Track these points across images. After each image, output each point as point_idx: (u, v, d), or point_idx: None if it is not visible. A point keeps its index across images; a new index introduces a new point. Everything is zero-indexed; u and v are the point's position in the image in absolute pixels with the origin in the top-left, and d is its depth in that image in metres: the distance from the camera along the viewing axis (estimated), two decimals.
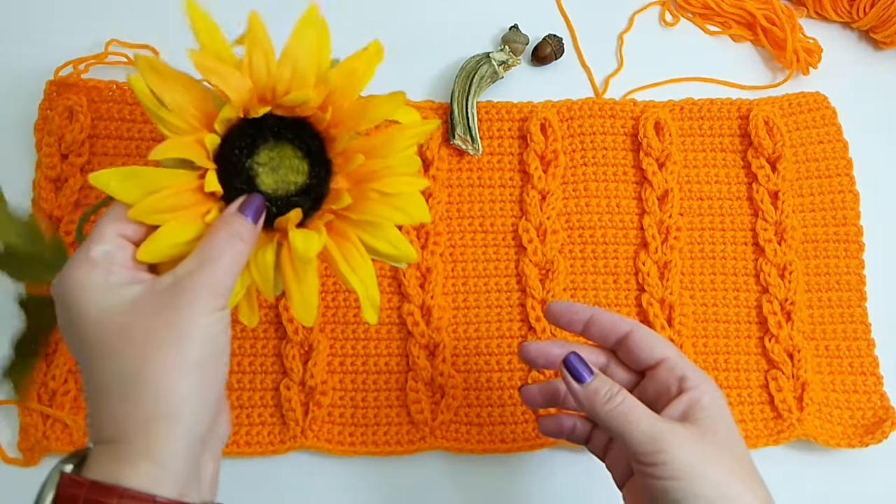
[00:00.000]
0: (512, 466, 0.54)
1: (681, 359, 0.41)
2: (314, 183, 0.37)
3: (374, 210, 0.37)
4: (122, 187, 0.33)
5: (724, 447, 0.37)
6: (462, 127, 0.58)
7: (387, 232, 0.38)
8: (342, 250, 0.37)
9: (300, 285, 0.36)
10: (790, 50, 0.62)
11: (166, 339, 0.31)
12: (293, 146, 0.37)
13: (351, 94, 0.37)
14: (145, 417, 0.30)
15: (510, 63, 0.60)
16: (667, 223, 0.58)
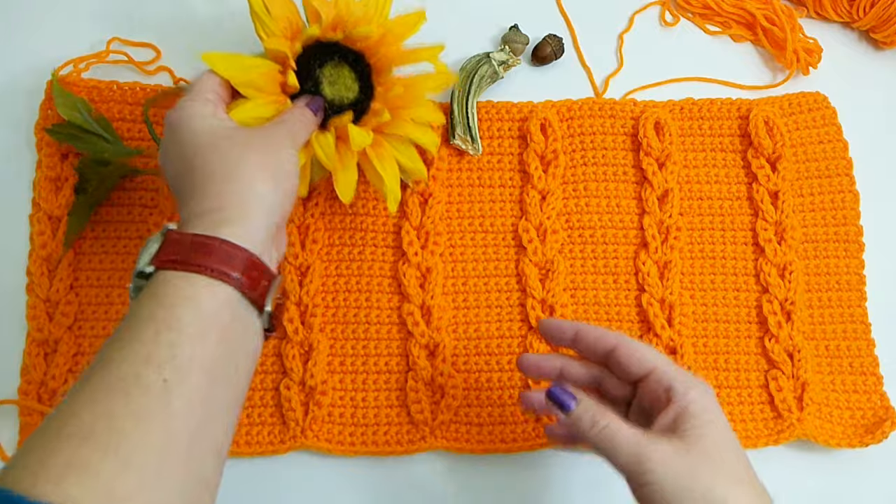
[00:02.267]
0: (512, 466, 0.54)
1: (668, 367, 0.41)
2: (361, 99, 0.51)
3: (404, 128, 0.51)
4: (224, 64, 0.45)
5: (713, 454, 0.38)
6: (462, 127, 0.58)
7: (409, 149, 0.53)
8: (378, 154, 0.50)
9: (345, 171, 0.49)
10: (790, 50, 0.62)
11: (258, 150, 0.41)
12: (350, 69, 0.50)
13: (400, 38, 0.51)
14: (241, 193, 0.39)
15: (510, 63, 0.60)
16: (667, 223, 0.58)
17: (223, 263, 0.36)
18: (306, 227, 0.56)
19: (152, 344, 0.33)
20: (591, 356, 0.44)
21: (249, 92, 0.46)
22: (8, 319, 0.55)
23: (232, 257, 0.36)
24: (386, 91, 0.50)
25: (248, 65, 0.46)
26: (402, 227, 0.57)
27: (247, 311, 0.37)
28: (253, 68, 0.46)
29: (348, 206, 0.57)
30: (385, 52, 0.50)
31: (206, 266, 0.36)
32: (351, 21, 0.48)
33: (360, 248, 0.57)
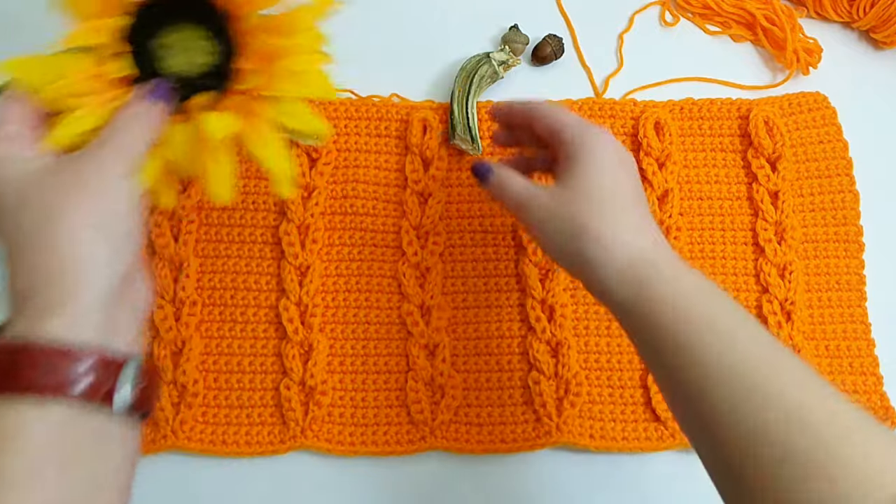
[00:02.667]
0: (512, 466, 0.54)
1: (572, 122, 0.44)
2: (222, 62, 0.38)
3: (281, 87, 0.38)
4: (27, 74, 0.34)
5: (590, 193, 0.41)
6: (462, 127, 0.58)
7: (295, 108, 0.39)
8: (253, 128, 0.38)
9: (215, 164, 0.37)
10: (790, 50, 0.62)
11: (76, 195, 0.32)
12: (199, 27, 0.38)
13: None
14: (60, 265, 0.31)
15: (510, 63, 0.60)
16: (667, 223, 0.58)
17: (51, 376, 0.29)
18: (306, 226, 0.56)
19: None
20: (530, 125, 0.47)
21: (69, 103, 0.35)
22: None
23: (60, 365, 0.30)
24: (251, 41, 0.38)
25: (61, 65, 0.35)
26: (401, 226, 0.57)
27: (98, 417, 0.31)
28: (68, 68, 0.35)
29: (348, 206, 0.57)
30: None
31: (30, 385, 0.29)
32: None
33: (359, 248, 0.57)
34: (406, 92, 0.61)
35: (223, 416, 0.54)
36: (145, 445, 0.52)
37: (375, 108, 0.59)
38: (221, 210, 0.56)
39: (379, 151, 0.58)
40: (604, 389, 0.55)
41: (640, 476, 0.54)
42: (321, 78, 0.40)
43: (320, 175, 0.57)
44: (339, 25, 0.63)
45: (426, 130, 0.58)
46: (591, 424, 0.54)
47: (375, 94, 0.60)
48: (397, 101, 0.60)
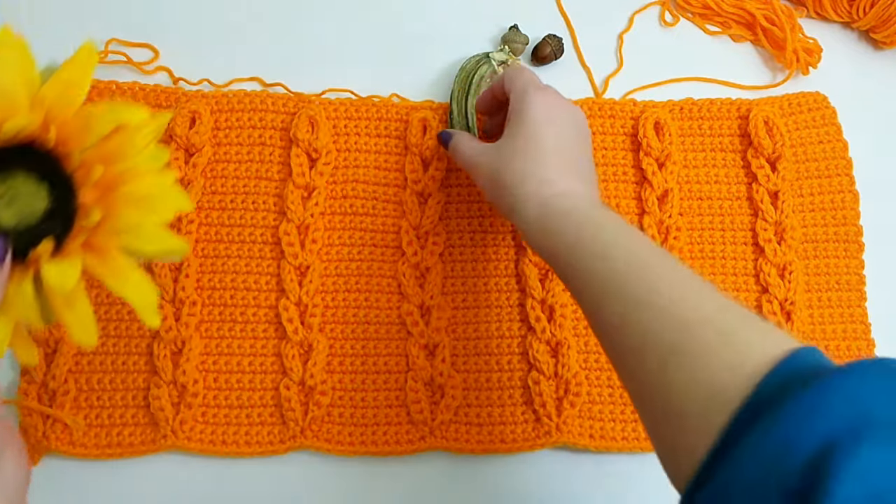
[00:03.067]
0: (512, 466, 0.54)
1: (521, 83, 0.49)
2: (59, 204, 0.35)
3: (128, 216, 0.36)
4: None
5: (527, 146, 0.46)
6: (461, 127, 0.58)
7: (147, 232, 0.36)
8: (106, 265, 0.36)
9: (71, 311, 0.35)
10: (790, 50, 0.62)
11: None
12: (26, 172, 0.35)
13: (71, 105, 0.35)
14: None
15: (510, 63, 0.60)
16: (667, 223, 0.58)
17: None
18: (306, 226, 0.56)
19: None
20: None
21: None
22: None
23: None
24: (87, 175, 0.35)
25: None
26: (401, 227, 0.57)
27: None
28: None
29: (348, 206, 0.57)
30: (62, 131, 0.35)
31: None
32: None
33: (359, 248, 0.57)
34: (406, 92, 0.61)
35: (223, 416, 0.54)
36: (145, 445, 0.52)
37: (375, 108, 0.59)
38: (221, 210, 0.56)
39: (379, 151, 0.58)
40: (604, 389, 0.55)
41: (640, 476, 0.54)
42: (171, 194, 0.38)
43: (320, 175, 0.57)
44: (339, 26, 0.63)
45: (426, 130, 0.58)
46: (591, 424, 0.54)
47: (375, 94, 0.60)
48: (397, 101, 0.60)
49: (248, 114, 0.58)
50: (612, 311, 0.37)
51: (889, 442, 0.26)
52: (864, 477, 0.25)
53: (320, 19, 0.63)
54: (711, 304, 0.35)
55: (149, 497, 0.53)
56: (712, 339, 0.33)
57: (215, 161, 0.57)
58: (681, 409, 0.33)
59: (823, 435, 0.26)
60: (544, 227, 0.43)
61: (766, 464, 0.27)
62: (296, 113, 0.58)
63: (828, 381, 0.28)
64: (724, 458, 0.30)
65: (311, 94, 0.59)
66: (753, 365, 0.31)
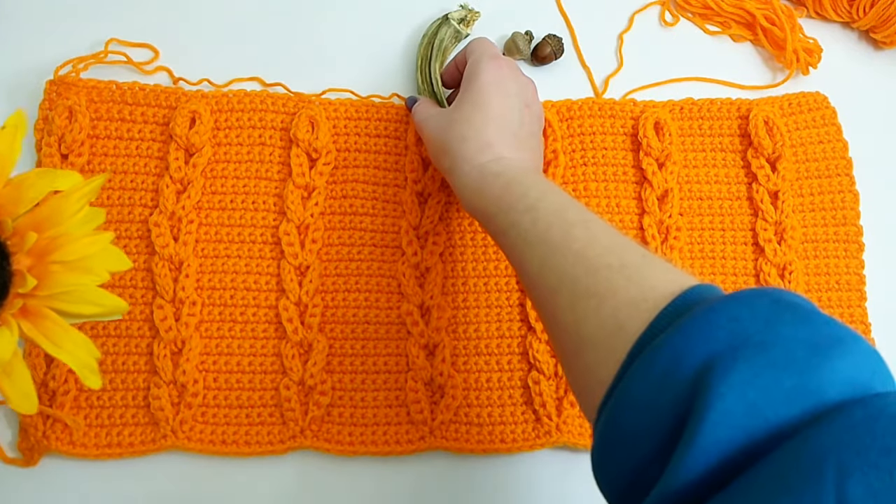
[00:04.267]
0: (512, 466, 0.54)
1: (475, 60, 0.51)
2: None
3: (63, 281, 0.36)
4: None
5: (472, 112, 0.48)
6: (426, 93, 0.58)
7: (84, 295, 0.37)
8: (43, 330, 0.35)
9: (10, 379, 0.35)
10: (790, 50, 0.62)
11: None
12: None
13: (1, 177, 0.35)
14: None
15: (469, 18, 0.61)
16: (667, 223, 0.58)
17: None
18: (306, 226, 0.56)
19: None
20: None
21: None
22: None
23: None
24: (21, 242, 0.35)
25: None
26: (401, 226, 0.57)
27: None
28: None
29: (348, 206, 0.57)
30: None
31: None
32: None
33: (359, 248, 0.57)
34: (406, 92, 0.61)
35: (223, 416, 0.53)
36: (145, 445, 0.52)
37: (375, 109, 0.59)
38: (221, 210, 0.56)
39: (379, 151, 0.58)
40: None
41: None
42: (106, 255, 0.38)
43: (320, 175, 0.57)
44: (339, 26, 0.63)
45: None
46: None
47: (375, 94, 0.60)
48: (397, 101, 0.60)
49: (248, 114, 0.58)
50: (532, 257, 0.40)
51: (764, 359, 0.28)
52: (740, 390, 0.27)
53: (320, 19, 0.63)
54: (621, 250, 0.38)
55: (149, 497, 0.53)
56: (618, 279, 0.35)
57: (215, 161, 0.57)
58: (591, 344, 0.35)
59: (706, 354, 0.29)
60: (479, 189, 0.45)
61: (656, 382, 0.30)
62: (296, 113, 0.58)
63: (712, 307, 0.30)
64: (621, 380, 0.32)
65: (311, 94, 0.59)
66: (654, 300, 0.33)
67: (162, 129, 0.57)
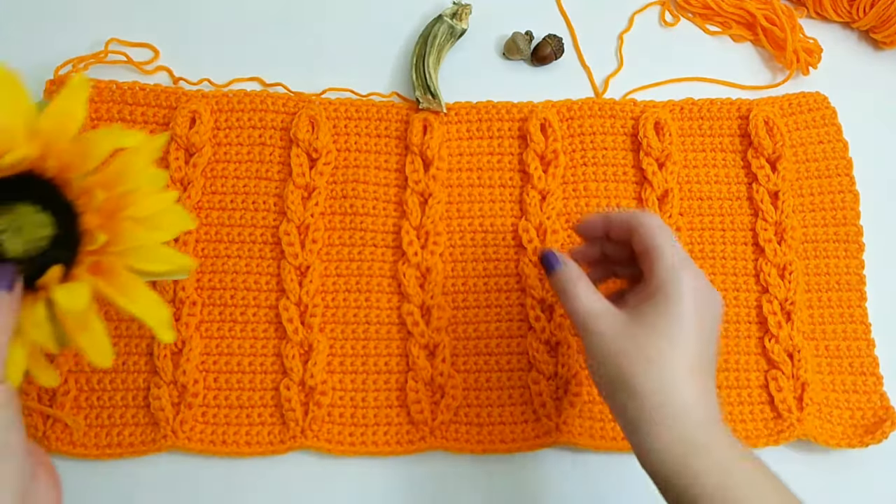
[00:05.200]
0: (512, 466, 0.54)
1: (668, 247, 0.42)
2: (64, 231, 0.36)
3: (134, 236, 0.37)
4: None
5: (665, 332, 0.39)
6: (421, 90, 0.58)
7: (154, 252, 0.38)
8: (115, 286, 0.36)
9: (86, 333, 0.36)
10: (790, 50, 0.62)
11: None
12: (30, 202, 0.36)
13: (67, 134, 0.36)
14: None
15: (461, 13, 0.61)
16: (667, 223, 0.58)
17: None
18: (306, 227, 0.56)
19: None
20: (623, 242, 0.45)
21: None
22: None
23: None
24: (91, 200, 0.36)
25: None
26: (401, 227, 0.57)
27: None
28: None
29: (348, 206, 0.57)
30: (60, 160, 0.36)
31: None
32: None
33: (359, 248, 0.57)
34: (406, 92, 0.61)
35: (223, 416, 0.53)
36: (145, 445, 0.52)
37: (375, 108, 0.59)
38: (221, 210, 0.56)
39: (379, 151, 0.58)
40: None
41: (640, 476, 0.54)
42: (173, 214, 0.39)
43: (320, 175, 0.57)
44: (339, 26, 0.63)
45: (426, 130, 0.58)
46: (591, 424, 0.54)
47: (375, 93, 0.60)
48: (397, 100, 0.60)
49: (249, 114, 0.58)
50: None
51: None
52: None
53: (320, 19, 0.63)
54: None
55: (149, 497, 0.52)
56: None
57: (215, 161, 0.57)
58: None
59: None
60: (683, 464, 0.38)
61: None
62: (296, 113, 0.58)
63: None
64: None
65: (311, 94, 0.59)
66: None
67: (162, 129, 0.57)
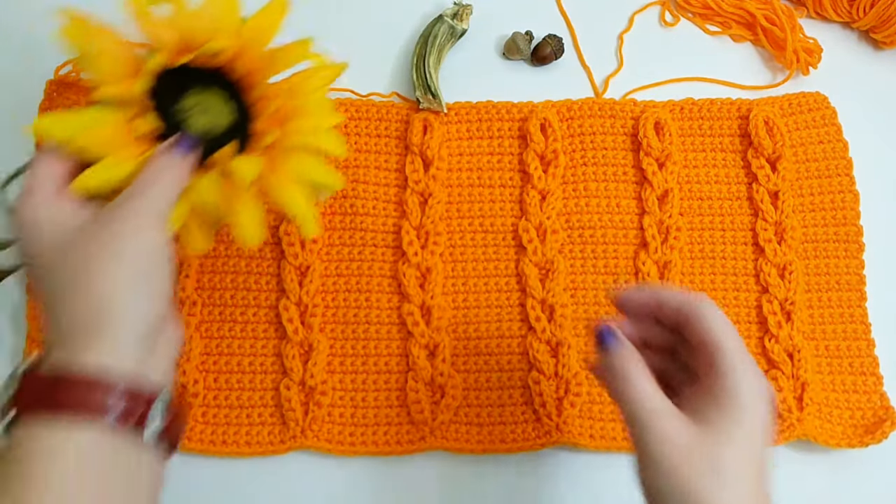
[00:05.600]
0: (512, 466, 0.54)
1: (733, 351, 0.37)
2: (240, 123, 0.42)
3: (294, 142, 0.42)
4: (57, 128, 0.38)
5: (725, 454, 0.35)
6: (421, 90, 0.58)
7: (309, 162, 0.43)
8: (276, 178, 0.41)
9: (244, 208, 0.40)
10: (790, 50, 0.62)
11: (106, 249, 0.35)
12: (219, 91, 0.42)
13: (261, 44, 0.41)
14: (95, 306, 0.34)
15: (462, 13, 0.61)
16: (667, 223, 0.58)
17: (86, 398, 0.32)
18: None
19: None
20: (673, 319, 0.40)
21: (99, 153, 0.38)
22: (8, 319, 0.55)
23: (95, 389, 0.32)
24: (267, 105, 0.42)
25: (87, 121, 0.38)
26: (401, 227, 0.57)
27: (129, 444, 0.33)
28: (94, 123, 0.38)
29: (348, 206, 0.57)
30: (248, 63, 0.41)
31: (65, 406, 0.31)
32: (197, 38, 0.40)
33: (360, 248, 0.57)
34: (406, 92, 0.61)
35: (223, 416, 0.54)
36: None
37: (375, 108, 0.59)
38: None
39: (379, 151, 0.58)
40: (604, 389, 0.55)
41: None
42: (331, 136, 0.44)
43: None
44: (341, 25, 0.63)
45: (426, 130, 0.58)
46: (591, 424, 0.54)
47: (375, 93, 0.60)
48: (397, 100, 0.60)
49: None
50: None
51: None
52: None
53: (320, 19, 0.63)
54: None
55: None
56: None
57: None
58: None
59: None
60: None
61: None
62: None
63: None
64: None
65: None
66: None
67: None
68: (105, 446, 0.32)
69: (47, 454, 0.31)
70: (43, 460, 0.31)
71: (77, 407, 0.31)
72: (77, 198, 0.37)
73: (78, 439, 0.31)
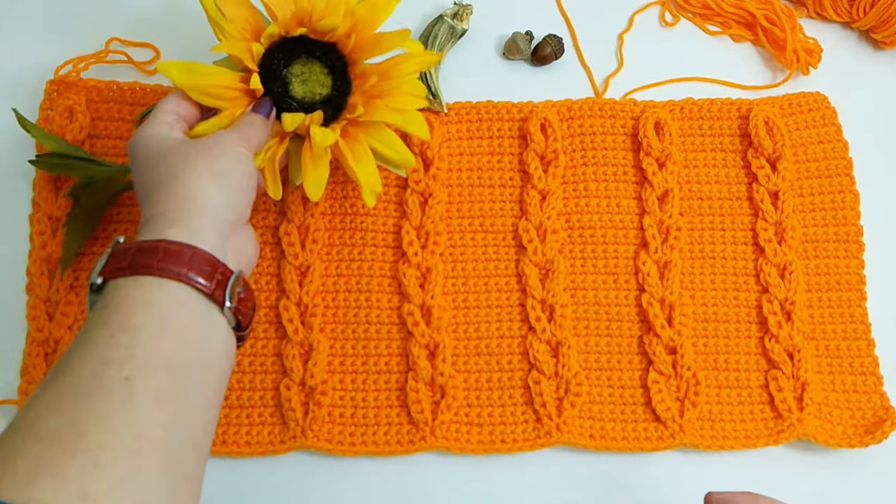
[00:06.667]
0: (512, 466, 0.54)
1: None
2: (335, 95, 0.49)
3: (382, 118, 0.48)
4: (181, 75, 0.44)
5: None
6: None
7: (390, 138, 0.49)
8: (351, 149, 0.47)
9: (315, 169, 0.47)
10: (790, 50, 0.62)
11: (207, 151, 0.42)
12: (321, 64, 0.49)
13: (372, 25, 0.48)
14: (186, 195, 0.40)
15: (462, 13, 0.61)
16: (667, 223, 0.58)
17: (169, 262, 0.36)
18: (306, 227, 0.56)
19: (108, 346, 0.33)
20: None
21: (210, 101, 0.45)
22: (8, 319, 0.55)
23: (177, 255, 0.37)
24: (363, 83, 0.48)
25: (206, 73, 0.45)
26: (402, 227, 0.57)
27: (207, 309, 0.38)
28: (210, 76, 0.45)
29: (348, 206, 0.57)
30: (355, 42, 0.47)
31: (151, 267, 0.36)
32: (315, 14, 0.46)
33: (360, 248, 0.57)
34: None
35: (223, 417, 0.53)
36: None
37: None
38: None
39: None
40: (604, 389, 0.55)
41: (640, 476, 0.54)
42: (417, 118, 0.49)
43: None
44: None
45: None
46: (591, 424, 0.54)
47: None
48: None
49: None
50: None
51: None
52: None
53: None
54: None
55: None
56: None
57: None
58: None
59: None
60: None
61: None
62: None
63: None
64: None
65: None
66: None
67: None
68: (188, 304, 0.37)
69: (138, 302, 0.35)
70: (136, 306, 0.35)
71: (162, 267, 0.36)
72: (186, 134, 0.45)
73: (165, 292, 0.36)
